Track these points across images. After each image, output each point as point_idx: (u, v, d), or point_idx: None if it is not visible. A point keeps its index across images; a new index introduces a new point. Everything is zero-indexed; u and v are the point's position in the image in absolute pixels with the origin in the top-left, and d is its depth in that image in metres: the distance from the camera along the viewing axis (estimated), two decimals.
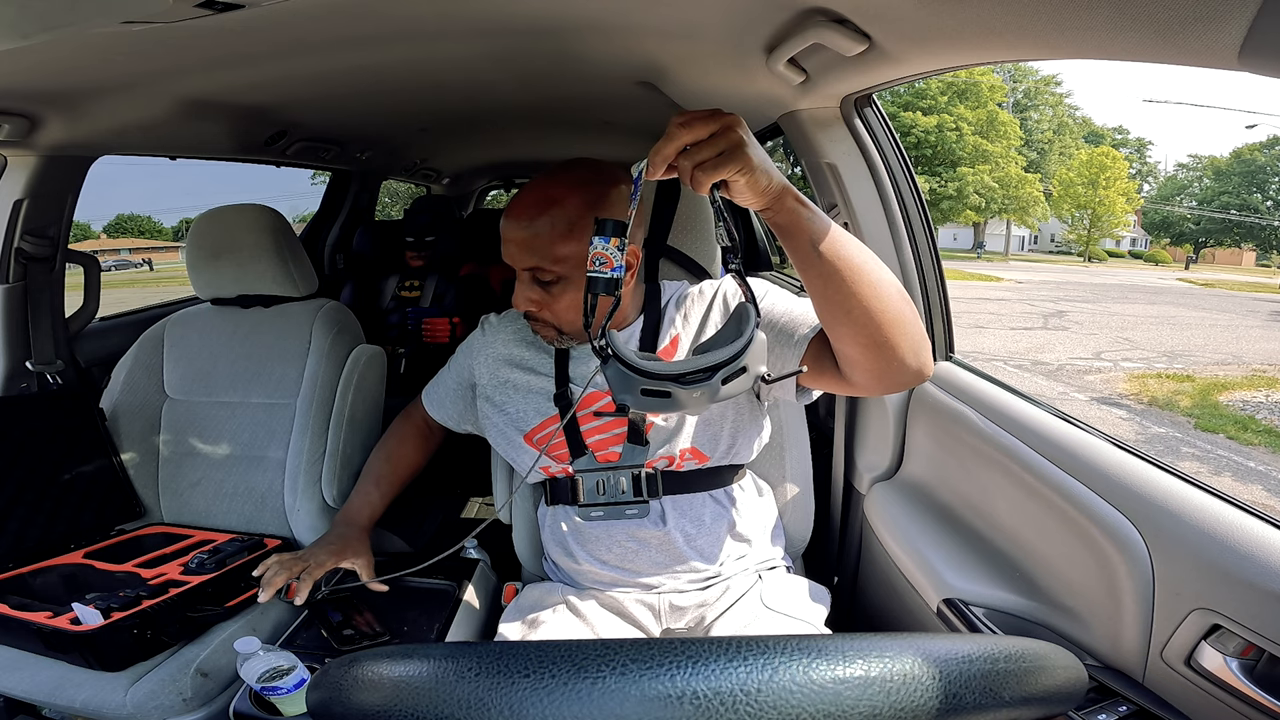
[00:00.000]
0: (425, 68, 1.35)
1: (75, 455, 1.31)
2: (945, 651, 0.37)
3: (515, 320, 1.08)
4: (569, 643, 0.36)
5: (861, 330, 0.72)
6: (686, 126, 0.60)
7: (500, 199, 6.29)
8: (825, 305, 0.74)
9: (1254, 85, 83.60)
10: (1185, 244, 36.25)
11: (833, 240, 0.69)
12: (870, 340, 0.73)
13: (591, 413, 0.97)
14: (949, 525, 1.05)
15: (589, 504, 0.96)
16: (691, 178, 0.61)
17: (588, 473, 0.97)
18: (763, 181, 0.63)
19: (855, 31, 0.81)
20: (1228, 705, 0.64)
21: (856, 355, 0.75)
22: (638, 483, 0.95)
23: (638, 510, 0.95)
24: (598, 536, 0.99)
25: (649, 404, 0.65)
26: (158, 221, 37.95)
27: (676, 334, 0.98)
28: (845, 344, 0.75)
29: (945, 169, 26.59)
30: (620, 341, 0.65)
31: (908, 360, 0.74)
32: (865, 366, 0.76)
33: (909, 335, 0.74)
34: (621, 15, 1.02)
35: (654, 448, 0.96)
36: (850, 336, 0.74)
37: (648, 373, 0.63)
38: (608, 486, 0.96)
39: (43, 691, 0.98)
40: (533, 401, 1.00)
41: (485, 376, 1.06)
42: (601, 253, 0.63)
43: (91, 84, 1.14)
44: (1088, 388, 7.55)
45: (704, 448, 0.97)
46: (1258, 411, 6.83)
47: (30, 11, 0.67)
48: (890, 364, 0.74)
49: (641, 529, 0.97)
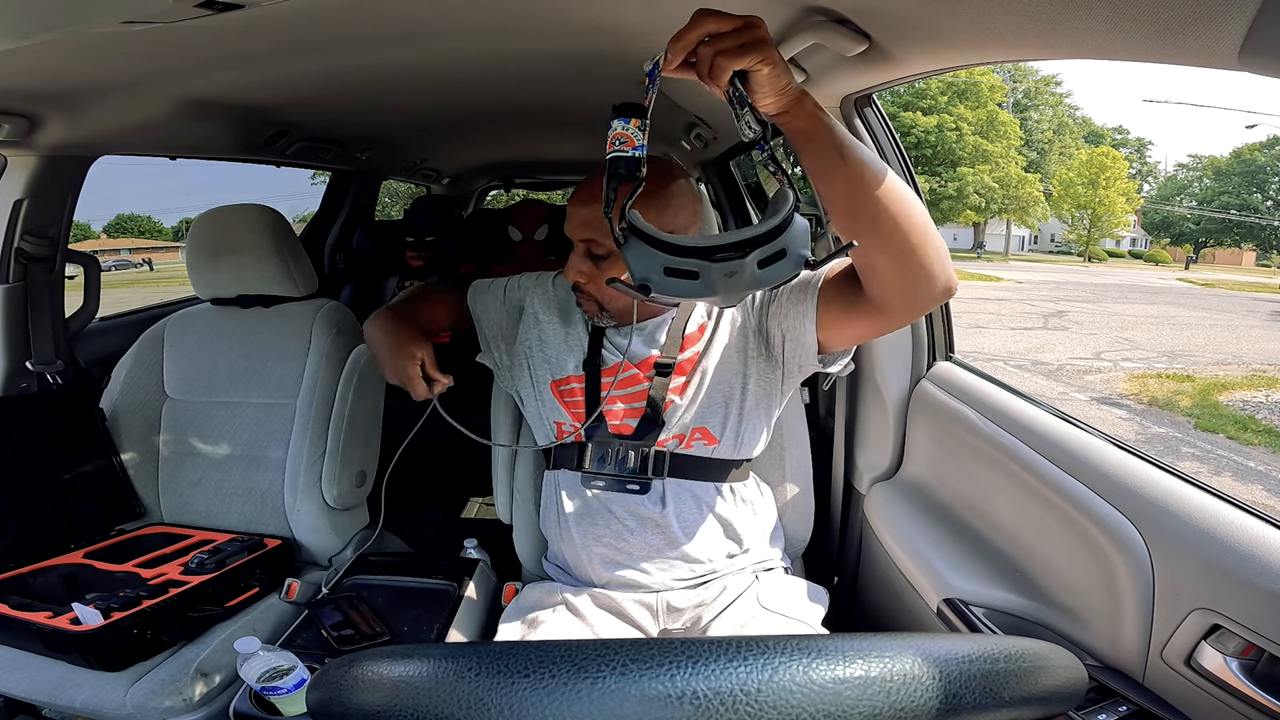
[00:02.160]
0: (425, 68, 1.35)
1: (75, 455, 1.31)
2: (945, 651, 0.37)
3: (564, 284, 1.08)
4: (569, 643, 0.36)
5: (889, 238, 0.71)
6: (711, 15, 0.59)
7: (500, 199, 6.29)
8: (852, 214, 0.71)
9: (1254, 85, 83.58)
10: (1185, 244, 36.23)
11: (854, 146, 0.68)
12: (900, 248, 0.72)
13: (616, 382, 0.98)
14: (949, 525, 1.05)
15: (593, 472, 0.97)
16: (712, 65, 0.59)
17: (597, 442, 0.98)
18: (784, 79, 0.62)
19: (855, 31, 0.81)
20: (1228, 705, 0.64)
21: (887, 268, 0.74)
22: (645, 460, 0.97)
23: (639, 486, 0.96)
24: (595, 510, 0.99)
25: (674, 286, 0.59)
26: (158, 221, 37.92)
27: (703, 321, 1.01)
28: (875, 255, 0.74)
29: (945, 169, 26.59)
30: (642, 221, 0.60)
31: (935, 270, 0.74)
32: (895, 281, 0.75)
33: (934, 243, 0.73)
34: (621, 15, 1.02)
35: (665, 431, 0.97)
36: (879, 246, 0.72)
37: (673, 246, 0.59)
38: (614, 458, 0.97)
39: (43, 691, 0.98)
40: (570, 354, 1.02)
41: (538, 308, 1.08)
42: (621, 133, 0.61)
43: (91, 84, 1.14)
44: (1088, 388, 7.55)
45: (714, 429, 0.98)
46: (1258, 411, 6.83)
47: (30, 11, 0.67)
48: (919, 274, 0.73)
49: (641, 508, 0.97)
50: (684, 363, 0.98)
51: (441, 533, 2.22)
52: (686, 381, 0.97)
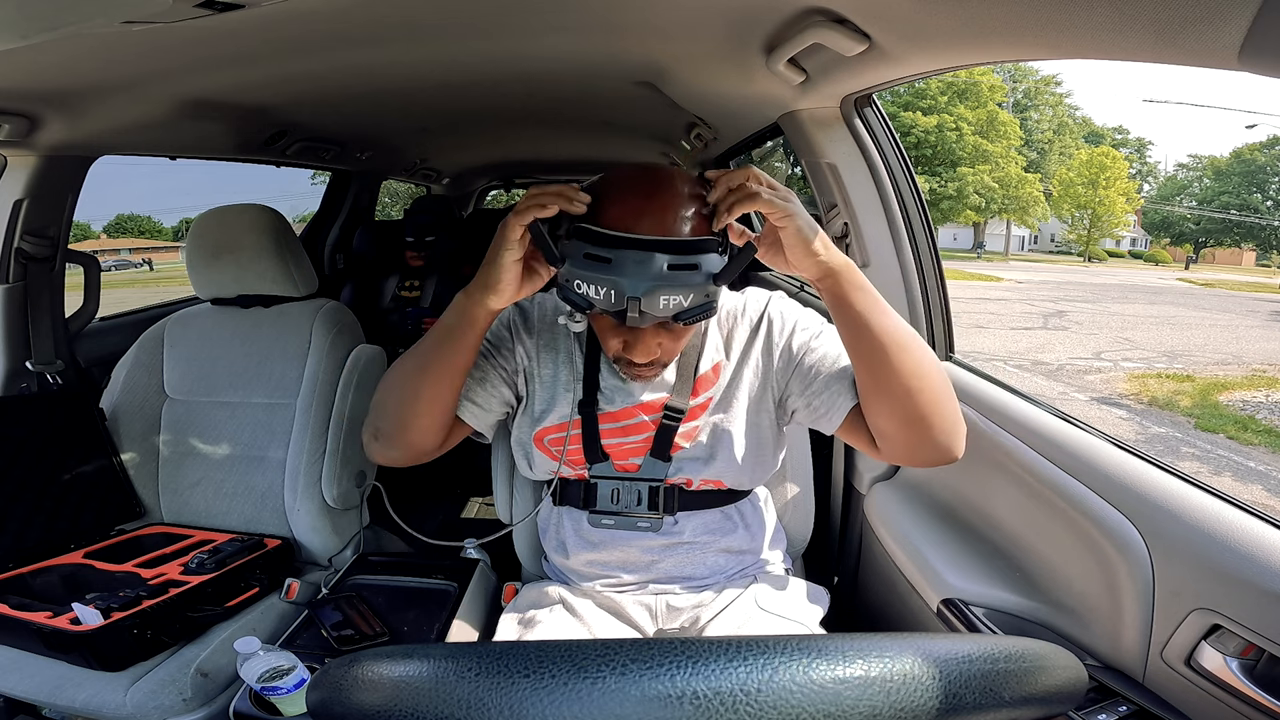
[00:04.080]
0: (425, 68, 1.35)
1: (75, 455, 1.31)
2: (945, 651, 0.37)
3: (546, 302, 0.98)
4: (569, 643, 0.36)
5: (898, 404, 0.75)
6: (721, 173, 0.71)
7: (500, 199, 6.28)
8: (867, 372, 0.77)
9: (1254, 85, 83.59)
10: (1185, 244, 36.21)
11: (880, 327, 0.73)
12: (905, 416, 0.76)
13: (612, 425, 0.92)
14: (949, 525, 1.05)
15: (602, 511, 0.94)
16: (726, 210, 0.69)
17: (604, 479, 0.94)
18: (808, 243, 0.70)
19: (855, 31, 0.81)
20: (1228, 705, 0.64)
21: (891, 430, 0.78)
22: (654, 496, 0.93)
23: (650, 524, 0.94)
24: (603, 541, 0.98)
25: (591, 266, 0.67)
26: (158, 221, 37.92)
27: (718, 361, 0.93)
28: (881, 418, 0.78)
29: (945, 169, 26.58)
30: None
31: (939, 440, 0.77)
32: (898, 440, 0.79)
33: (944, 416, 0.77)
34: (621, 15, 1.02)
35: (673, 469, 0.93)
36: (887, 412, 0.77)
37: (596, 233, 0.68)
38: (622, 496, 0.94)
39: (43, 691, 0.98)
40: (557, 398, 0.93)
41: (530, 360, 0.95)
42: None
43: (91, 84, 1.14)
44: (1088, 388, 7.55)
45: (727, 479, 0.94)
46: (1258, 411, 6.83)
47: (30, 11, 0.67)
48: (922, 442, 0.77)
49: (649, 538, 0.96)
50: (695, 408, 0.91)
51: (441, 533, 2.22)
52: (697, 427, 0.91)
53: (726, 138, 1.95)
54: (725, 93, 1.32)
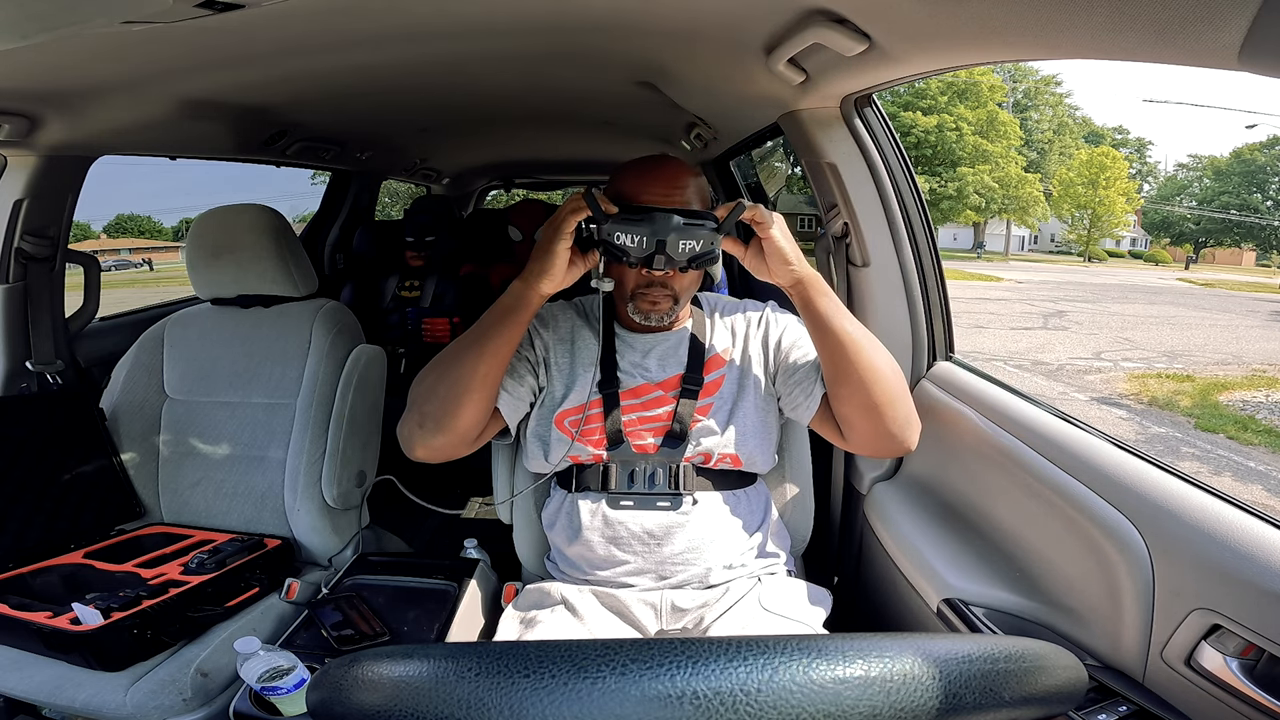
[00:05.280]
0: (425, 68, 1.35)
1: (75, 455, 1.31)
2: (945, 651, 0.37)
3: (556, 308, 1.08)
4: (569, 643, 0.36)
5: (858, 392, 0.89)
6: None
7: (500, 199, 6.29)
8: (833, 366, 0.90)
9: (1254, 85, 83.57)
10: (1185, 244, 36.20)
11: (840, 329, 0.88)
12: (864, 406, 0.89)
13: (633, 401, 1.00)
14: (949, 525, 1.05)
15: (620, 492, 0.98)
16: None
17: (622, 461, 0.99)
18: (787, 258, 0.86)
19: (855, 31, 0.81)
20: (1228, 705, 0.64)
21: (854, 417, 0.91)
22: (673, 475, 0.98)
23: (669, 503, 0.98)
24: (621, 520, 0.99)
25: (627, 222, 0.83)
26: (158, 221, 37.86)
27: (726, 346, 1.04)
28: (843, 405, 0.92)
29: (945, 169, 26.57)
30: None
31: (894, 429, 0.90)
32: (859, 428, 0.92)
33: (897, 408, 0.90)
34: (621, 15, 1.02)
35: (690, 446, 0.99)
36: (848, 398, 0.90)
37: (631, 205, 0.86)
38: (640, 477, 0.99)
39: (43, 691, 0.98)
40: (575, 382, 1.00)
41: (549, 352, 1.03)
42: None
43: (91, 84, 1.14)
44: (1088, 388, 7.55)
45: (742, 454, 1.00)
46: (1258, 411, 6.83)
47: (30, 11, 0.67)
48: (879, 431, 0.90)
49: (666, 518, 0.98)
50: (710, 384, 1.01)
51: (441, 533, 2.22)
52: (712, 404, 1.00)
53: (726, 138, 1.96)
54: (725, 92, 1.32)
